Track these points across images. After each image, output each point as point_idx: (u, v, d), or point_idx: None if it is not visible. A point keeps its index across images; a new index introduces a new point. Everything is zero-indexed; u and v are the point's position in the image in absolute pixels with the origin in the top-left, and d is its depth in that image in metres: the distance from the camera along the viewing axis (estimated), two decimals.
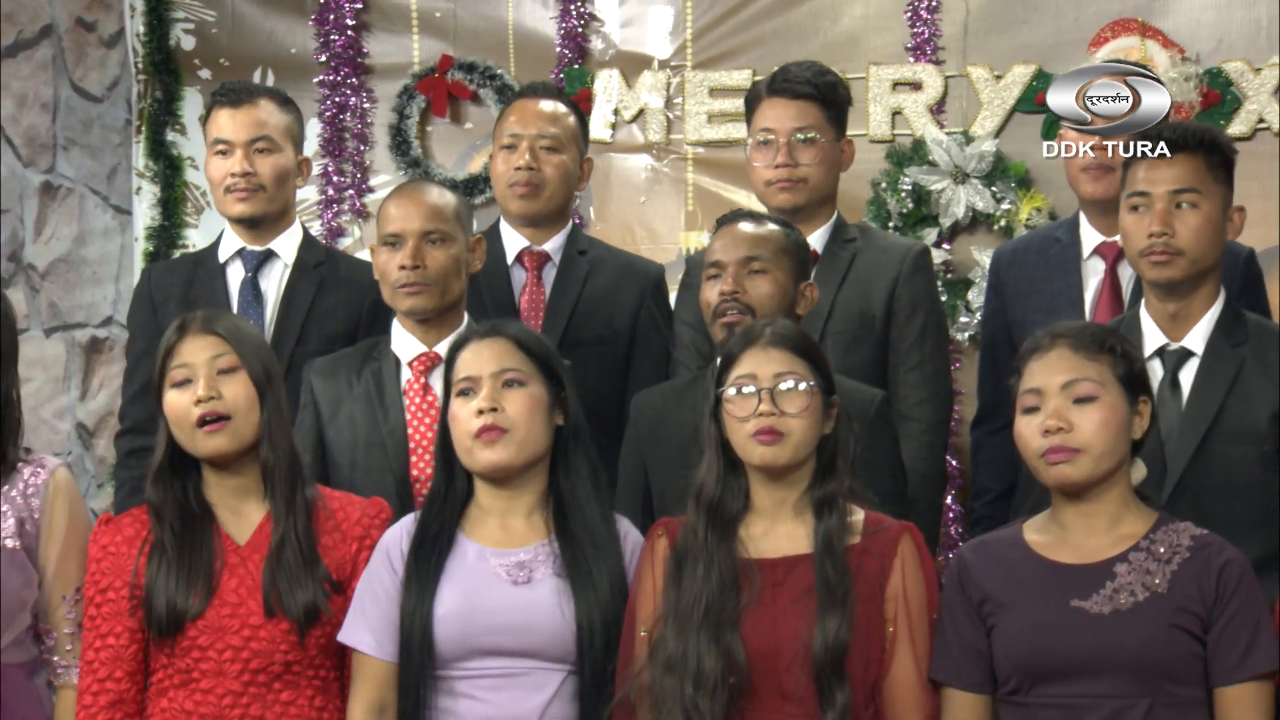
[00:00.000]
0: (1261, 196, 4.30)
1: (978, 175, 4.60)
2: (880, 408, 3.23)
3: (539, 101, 3.81)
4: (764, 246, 3.21)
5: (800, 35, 4.78)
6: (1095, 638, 2.63)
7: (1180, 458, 3.06)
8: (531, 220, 3.76)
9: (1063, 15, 4.61)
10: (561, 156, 3.76)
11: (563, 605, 2.82)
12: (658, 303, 3.82)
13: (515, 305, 3.72)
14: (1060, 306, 3.59)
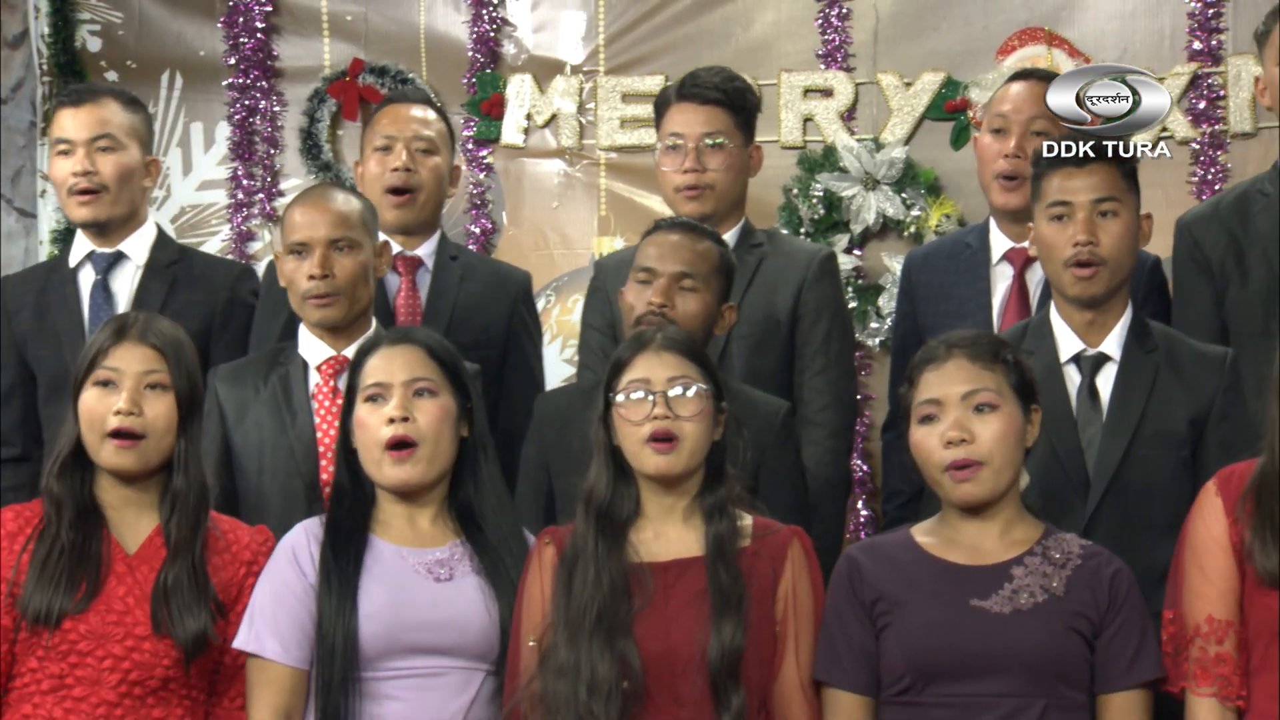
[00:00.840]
0: (1166, 204, 4.32)
1: (888, 182, 4.64)
2: (785, 418, 3.24)
3: (411, 106, 3.81)
4: (700, 265, 3.22)
5: (712, 41, 4.79)
6: (996, 637, 2.65)
7: (1106, 463, 3.08)
8: (406, 226, 3.75)
9: (971, 23, 4.66)
10: (437, 160, 3.77)
11: (487, 603, 2.81)
12: (528, 309, 3.85)
13: (390, 310, 3.70)
14: (970, 311, 3.61)
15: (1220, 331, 3.51)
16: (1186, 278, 3.60)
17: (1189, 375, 3.11)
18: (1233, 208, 3.58)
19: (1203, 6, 4.49)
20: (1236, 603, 2.68)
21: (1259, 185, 3.59)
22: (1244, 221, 3.54)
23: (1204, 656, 2.68)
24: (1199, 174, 4.48)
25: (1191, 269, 3.58)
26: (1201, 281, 3.56)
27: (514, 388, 3.69)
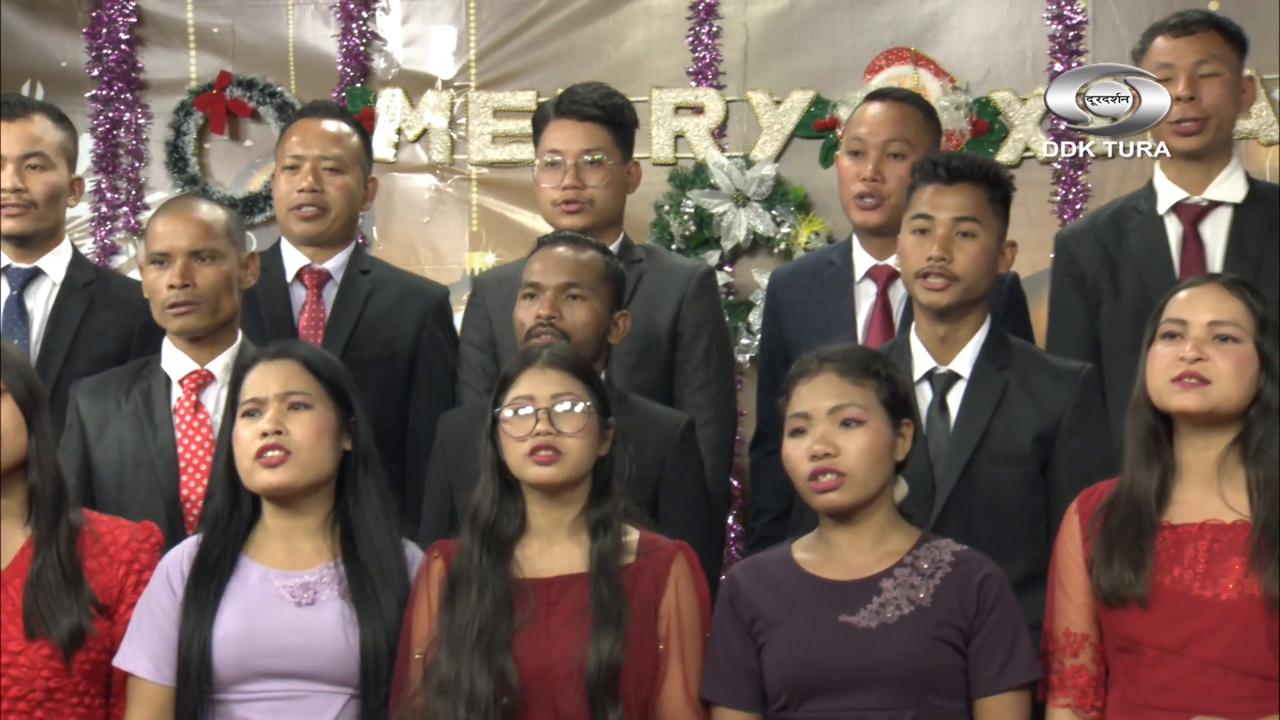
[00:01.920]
0: (1029, 224, 4.43)
1: (758, 199, 4.68)
2: (685, 431, 3.26)
3: (321, 121, 3.78)
4: (585, 274, 3.24)
5: (583, 58, 4.82)
6: (863, 651, 2.68)
7: (948, 478, 3.11)
8: (315, 242, 3.73)
9: (839, 43, 4.72)
10: (345, 178, 3.74)
11: (347, 628, 2.80)
12: (440, 324, 3.81)
13: (294, 324, 3.68)
14: (835, 328, 3.64)
15: (1094, 346, 3.57)
16: (1062, 292, 3.66)
17: (1039, 392, 3.15)
18: (1108, 224, 3.64)
19: (1063, 29, 4.58)
20: (1093, 617, 2.75)
21: (1134, 202, 3.65)
22: (1118, 238, 3.60)
23: (1061, 668, 2.75)
24: (1061, 193, 4.58)
25: (1067, 283, 3.64)
26: (1077, 296, 3.61)
27: (422, 403, 3.66)
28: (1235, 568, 2.66)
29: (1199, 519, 2.71)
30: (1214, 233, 3.56)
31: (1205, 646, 2.65)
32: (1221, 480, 2.72)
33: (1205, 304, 2.74)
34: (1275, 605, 2.62)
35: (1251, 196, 3.56)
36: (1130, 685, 2.71)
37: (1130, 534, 2.70)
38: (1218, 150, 3.57)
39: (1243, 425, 2.72)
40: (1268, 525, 2.65)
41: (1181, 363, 2.70)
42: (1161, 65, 3.56)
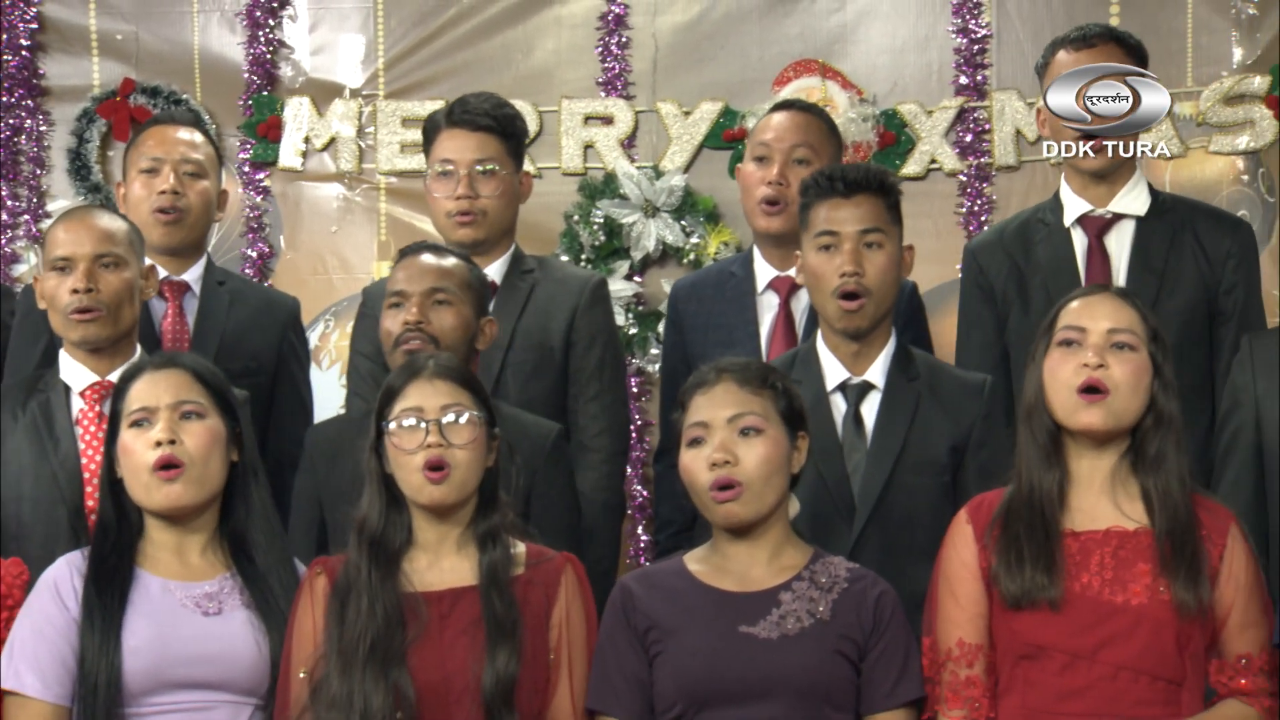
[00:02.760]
0: (935, 235, 4.50)
1: (668, 209, 4.69)
2: (556, 441, 3.26)
3: (178, 128, 3.77)
4: (449, 279, 3.22)
5: (492, 67, 4.81)
6: (764, 662, 2.69)
7: (870, 490, 3.13)
8: (173, 249, 3.70)
9: (748, 55, 4.74)
10: (204, 183, 3.73)
11: (257, 637, 2.78)
12: (297, 336, 3.83)
13: (157, 335, 3.64)
14: (738, 339, 3.66)
15: (1002, 357, 3.61)
16: (971, 303, 3.70)
17: (950, 403, 3.18)
18: (1015, 236, 3.68)
19: (968, 43, 4.63)
20: (986, 627, 2.77)
21: (1040, 214, 3.69)
22: (1026, 249, 3.64)
23: (954, 679, 2.76)
24: (966, 205, 4.62)
25: (976, 294, 3.68)
26: (985, 307, 3.65)
27: (284, 415, 3.67)
28: (1144, 574, 2.70)
29: (1101, 526, 2.74)
30: (1118, 245, 3.61)
31: (1117, 651, 2.68)
32: (1116, 489, 2.76)
33: (1103, 312, 2.78)
34: (1185, 611, 2.67)
35: (1154, 209, 3.62)
36: (1033, 692, 2.72)
37: (1037, 538, 2.72)
38: (1121, 163, 3.61)
39: (1137, 435, 2.76)
40: (1173, 534, 2.70)
41: (1084, 370, 2.73)
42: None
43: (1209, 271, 3.56)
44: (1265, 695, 2.69)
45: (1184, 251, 3.57)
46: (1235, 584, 2.71)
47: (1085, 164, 3.59)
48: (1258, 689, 2.69)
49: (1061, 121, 3.58)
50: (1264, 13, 4.54)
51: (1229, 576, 2.71)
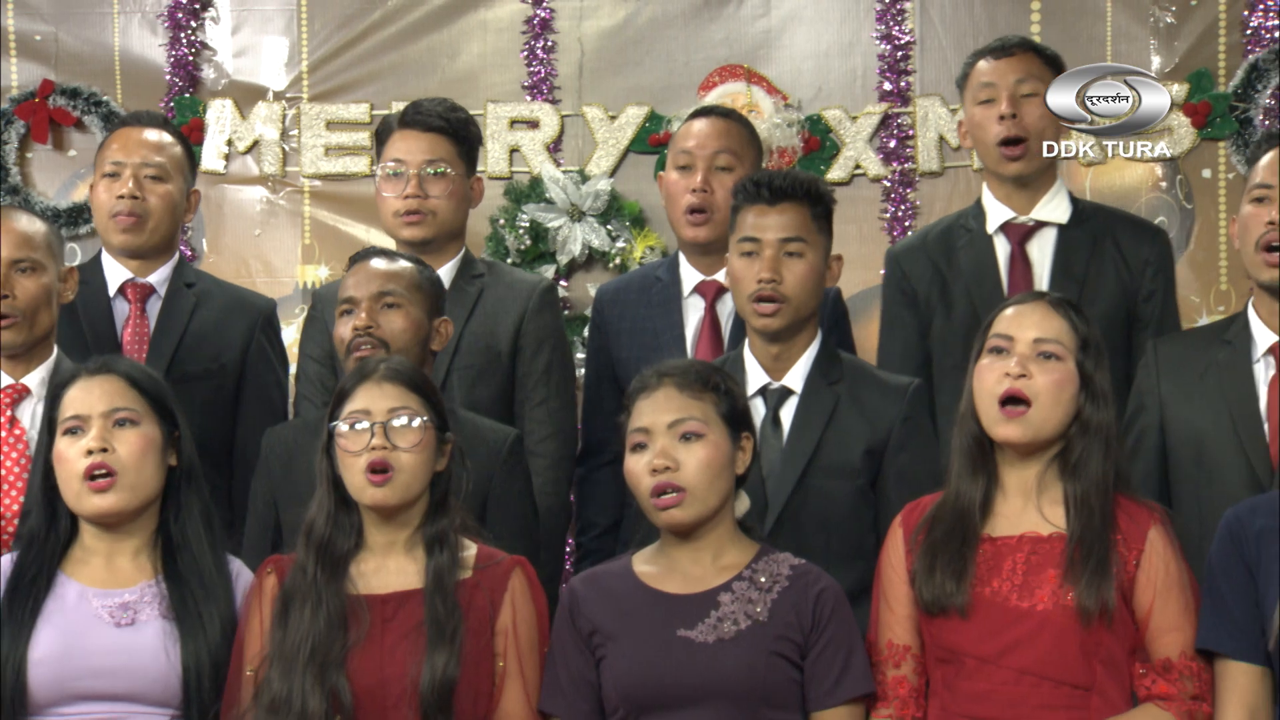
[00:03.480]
0: (859, 240, 4.53)
1: (593, 213, 4.70)
2: (513, 446, 3.26)
3: (143, 130, 3.73)
4: (397, 282, 3.23)
5: (418, 70, 4.81)
6: (700, 666, 2.71)
7: (781, 492, 3.15)
8: (135, 252, 3.68)
9: (673, 59, 4.76)
10: (167, 186, 3.70)
11: (168, 648, 2.77)
12: (269, 337, 3.79)
13: (117, 339, 3.62)
14: (663, 344, 3.67)
15: (925, 361, 3.64)
16: (893, 308, 3.73)
17: (869, 407, 3.20)
18: (938, 241, 3.71)
19: (892, 49, 4.67)
20: (915, 629, 2.80)
21: (963, 220, 3.73)
22: (949, 255, 3.67)
23: (884, 679, 2.80)
24: (890, 211, 4.66)
25: (899, 299, 3.70)
26: (908, 312, 3.68)
27: (250, 416, 3.65)
28: (1050, 579, 2.72)
29: (1017, 531, 2.77)
30: (1040, 252, 3.65)
31: (1021, 656, 2.71)
32: (1040, 494, 2.79)
33: (1031, 321, 2.80)
34: (1088, 616, 2.69)
35: (1076, 216, 3.66)
36: (949, 695, 2.76)
37: (953, 545, 2.76)
38: (1042, 171, 3.66)
39: (1063, 443, 2.79)
40: (1083, 539, 2.72)
41: (1006, 378, 2.76)
42: (984, 86, 3.65)
43: (1129, 279, 3.61)
44: (1185, 699, 2.71)
45: (1105, 259, 3.62)
46: (1154, 588, 2.73)
47: (1007, 170, 3.63)
48: (1178, 693, 2.71)
49: (980, 131, 3.65)
50: (1182, 21, 4.61)
51: (1147, 581, 2.73)
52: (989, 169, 3.69)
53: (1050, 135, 3.66)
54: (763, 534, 3.01)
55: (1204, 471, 3.19)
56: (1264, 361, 3.20)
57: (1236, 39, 4.57)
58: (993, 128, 3.62)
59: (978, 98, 3.66)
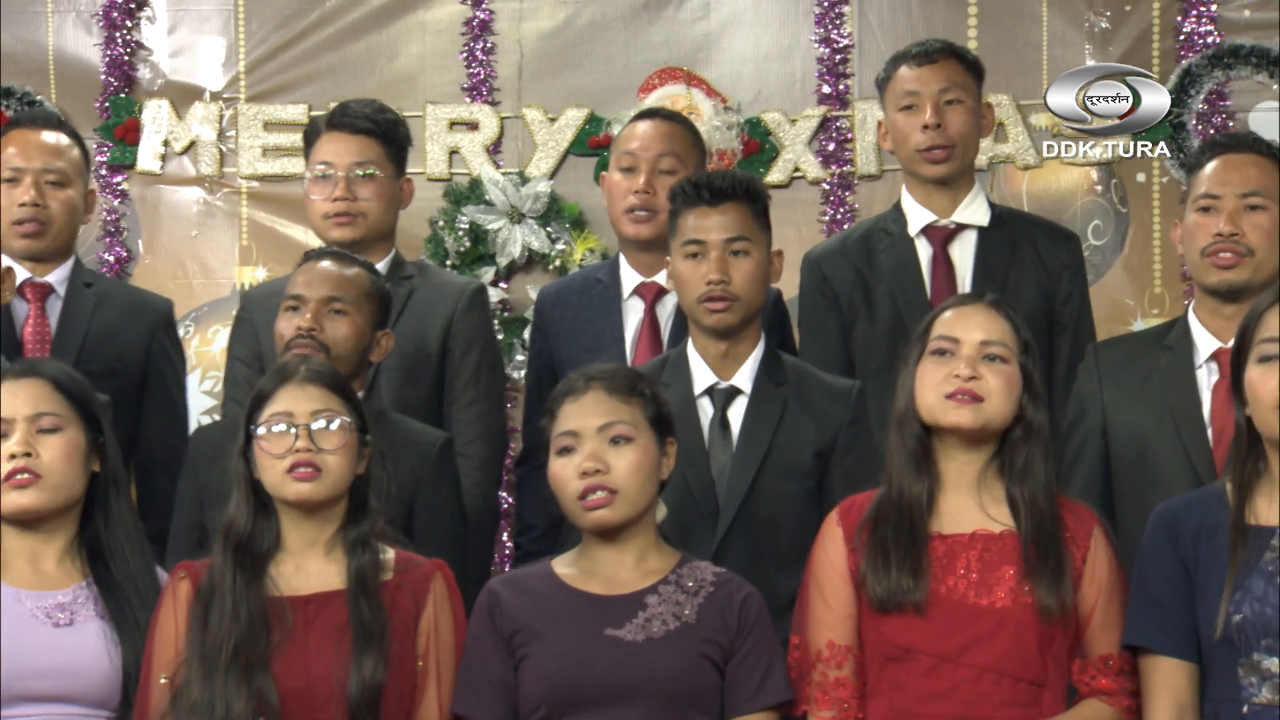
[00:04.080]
0: (798, 242, 4.49)
1: (533, 215, 4.71)
2: (443, 449, 3.26)
3: (41, 132, 3.72)
4: (349, 289, 3.23)
5: (356, 72, 4.81)
6: (629, 665, 2.71)
7: (734, 494, 3.16)
8: (36, 256, 3.66)
9: (613, 61, 4.78)
10: (69, 192, 3.69)
11: (109, 648, 2.76)
12: (169, 338, 3.80)
13: (18, 338, 3.60)
14: (603, 345, 3.69)
15: (847, 364, 3.65)
16: (814, 311, 3.73)
17: (816, 408, 3.22)
18: (858, 245, 3.73)
19: (830, 53, 4.70)
20: (855, 629, 2.81)
21: (882, 224, 3.75)
22: (870, 259, 3.69)
23: (824, 680, 2.80)
24: (829, 213, 4.69)
25: (820, 303, 3.71)
26: (830, 316, 3.69)
27: (153, 418, 3.65)
28: (1008, 576, 2.74)
29: (968, 529, 2.79)
30: (962, 254, 3.68)
31: (981, 653, 2.73)
32: (982, 492, 2.81)
33: (976, 323, 2.82)
34: (1047, 614, 2.72)
35: (995, 220, 3.70)
36: (900, 694, 2.76)
37: (904, 542, 2.77)
38: (962, 175, 3.70)
39: (1004, 443, 2.81)
40: (1038, 540, 2.75)
41: (956, 380, 2.78)
42: (907, 93, 3.68)
43: (1047, 282, 3.65)
44: (1125, 695, 2.75)
45: (1024, 262, 3.66)
46: (1098, 586, 2.77)
47: (929, 172, 3.66)
48: (1119, 689, 2.75)
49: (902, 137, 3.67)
50: (1116, 26, 4.66)
51: (1092, 579, 2.77)
52: (909, 172, 3.72)
53: (972, 141, 3.70)
54: (715, 536, 3.05)
55: (1147, 475, 3.21)
56: (1206, 367, 3.23)
57: (1170, 44, 4.63)
58: (916, 135, 3.65)
59: (900, 104, 3.69)
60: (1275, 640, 2.64)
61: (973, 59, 3.75)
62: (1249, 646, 2.66)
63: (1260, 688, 2.66)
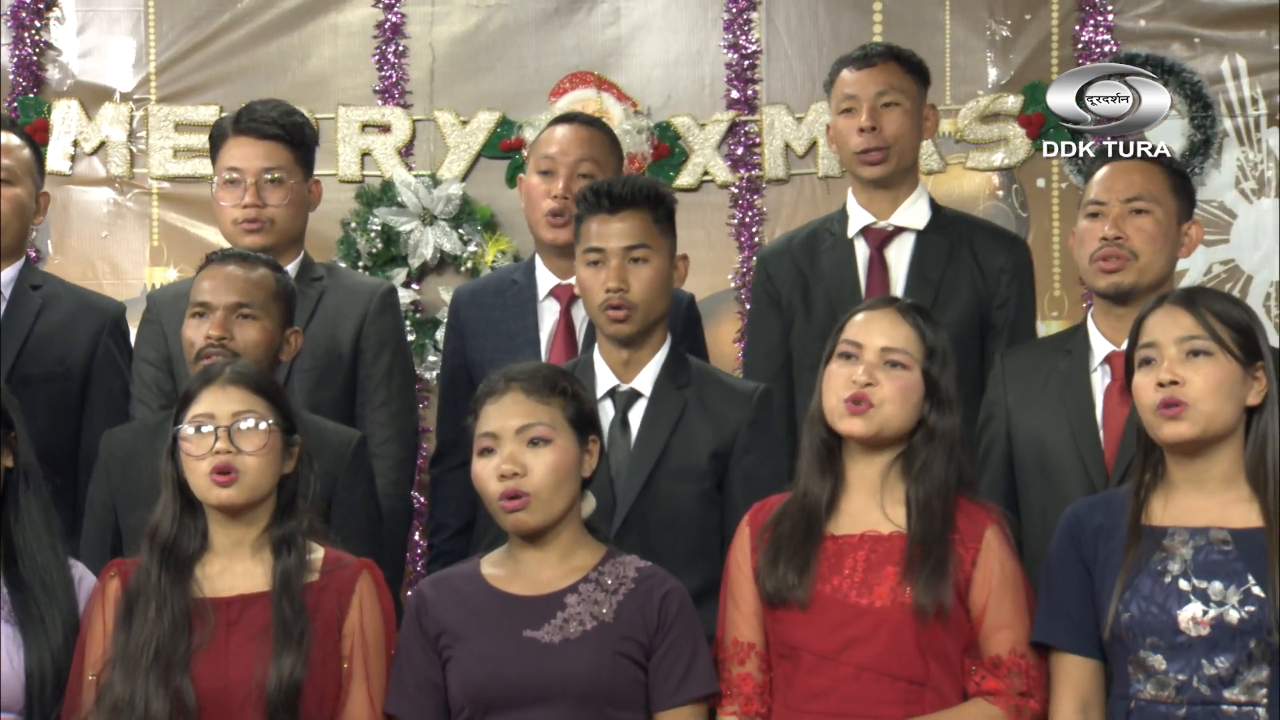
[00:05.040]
0: (708, 245, 4.59)
1: (445, 217, 4.72)
2: (357, 449, 3.28)
3: None
4: (256, 293, 3.23)
5: (268, 74, 4.81)
6: (545, 666, 2.74)
7: (628, 493, 3.18)
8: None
9: (524, 66, 4.80)
10: (16, 190, 3.66)
11: (11, 653, 2.75)
12: (116, 340, 3.77)
13: None
14: (519, 346, 3.69)
15: (787, 362, 3.71)
16: (759, 309, 3.79)
17: (715, 410, 3.23)
18: (803, 245, 3.78)
19: (738, 58, 4.73)
20: (760, 626, 2.85)
21: (828, 225, 3.80)
22: (812, 259, 3.74)
23: (729, 676, 2.84)
24: (738, 216, 4.72)
25: (765, 301, 3.77)
26: (772, 314, 3.75)
27: (95, 420, 3.61)
28: (889, 577, 2.78)
29: (859, 530, 2.83)
30: (898, 256, 3.73)
31: (859, 652, 2.76)
32: (883, 494, 2.85)
33: (879, 329, 2.86)
34: (923, 614, 2.75)
35: (934, 223, 3.75)
36: (789, 691, 2.81)
37: (797, 539, 2.81)
38: (902, 177, 3.74)
39: (906, 445, 2.85)
40: (923, 540, 2.77)
41: (853, 385, 2.82)
42: (846, 97, 3.73)
43: (983, 286, 3.69)
44: (1013, 695, 2.77)
45: (960, 266, 3.70)
46: (988, 586, 2.78)
47: (865, 174, 3.71)
48: (1007, 689, 2.77)
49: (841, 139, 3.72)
50: (1017, 35, 4.72)
51: (982, 580, 2.78)
52: (851, 173, 3.78)
53: (910, 144, 3.74)
54: (610, 534, 3.04)
55: (1046, 476, 3.25)
56: (1101, 370, 3.29)
57: (1069, 53, 4.68)
58: (853, 138, 3.70)
59: (840, 107, 3.74)
60: (1160, 638, 2.69)
61: (916, 61, 3.79)
62: (1136, 644, 2.71)
63: (1146, 684, 2.71)
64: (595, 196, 3.27)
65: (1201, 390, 2.71)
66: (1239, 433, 2.75)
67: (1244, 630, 2.66)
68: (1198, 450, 2.74)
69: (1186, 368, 2.72)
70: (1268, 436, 2.73)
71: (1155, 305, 2.80)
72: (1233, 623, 2.66)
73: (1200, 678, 2.68)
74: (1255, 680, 2.67)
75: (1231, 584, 2.68)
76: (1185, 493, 2.76)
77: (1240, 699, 2.67)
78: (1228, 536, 2.71)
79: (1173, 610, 2.69)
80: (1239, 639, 2.66)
